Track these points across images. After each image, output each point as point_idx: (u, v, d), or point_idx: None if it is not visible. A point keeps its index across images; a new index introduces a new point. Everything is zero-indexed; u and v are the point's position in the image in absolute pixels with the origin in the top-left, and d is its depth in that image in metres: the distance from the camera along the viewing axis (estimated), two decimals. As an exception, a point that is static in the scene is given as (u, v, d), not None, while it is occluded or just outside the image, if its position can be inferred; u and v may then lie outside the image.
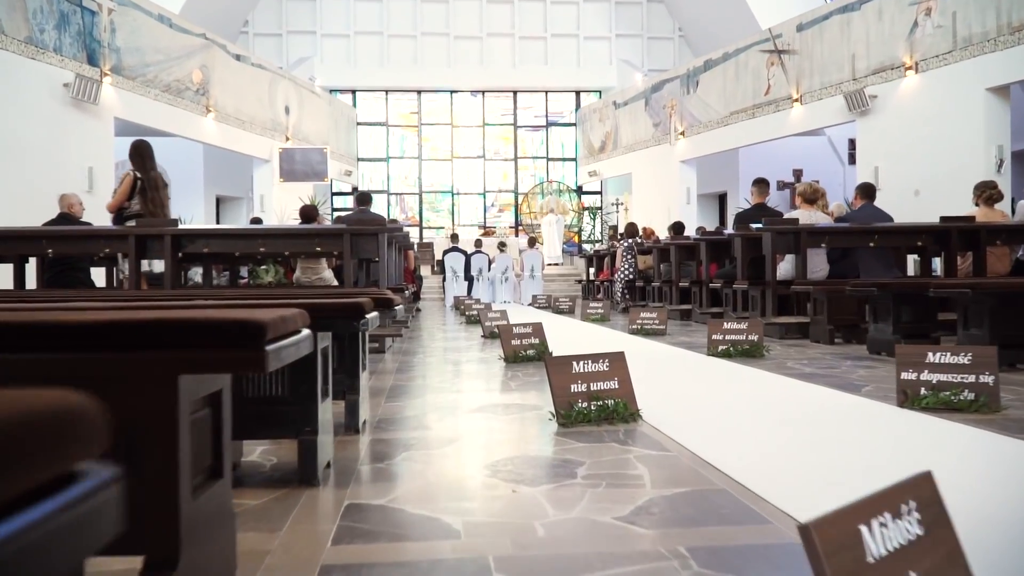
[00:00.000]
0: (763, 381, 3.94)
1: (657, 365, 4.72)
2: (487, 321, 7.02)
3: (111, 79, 13.10)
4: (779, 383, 3.85)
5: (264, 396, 2.04)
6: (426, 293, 18.72)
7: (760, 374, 4.17)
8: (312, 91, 20.70)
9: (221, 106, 16.39)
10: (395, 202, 24.42)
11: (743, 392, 3.61)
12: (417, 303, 12.85)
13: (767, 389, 3.68)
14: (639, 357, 5.11)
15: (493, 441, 2.60)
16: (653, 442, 2.50)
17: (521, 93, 24.49)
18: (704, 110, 18.51)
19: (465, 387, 3.94)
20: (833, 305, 5.79)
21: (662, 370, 4.45)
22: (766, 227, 6.49)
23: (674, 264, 9.44)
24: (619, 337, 6.85)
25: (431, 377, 4.34)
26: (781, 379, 3.95)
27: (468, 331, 8.03)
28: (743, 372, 4.30)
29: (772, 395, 3.50)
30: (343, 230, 5.77)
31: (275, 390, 2.04)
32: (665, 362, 4.89)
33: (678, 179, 19.60)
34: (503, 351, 4.89)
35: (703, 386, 3.87)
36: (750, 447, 2.40)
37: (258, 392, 2.03)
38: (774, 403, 3.27)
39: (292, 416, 2.01)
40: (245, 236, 5.84)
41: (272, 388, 2.03)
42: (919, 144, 12.87)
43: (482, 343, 6.57)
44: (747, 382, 3.94)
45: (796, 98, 15.60)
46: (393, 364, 5.03)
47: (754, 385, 3.82)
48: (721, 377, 4.18)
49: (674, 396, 3.49)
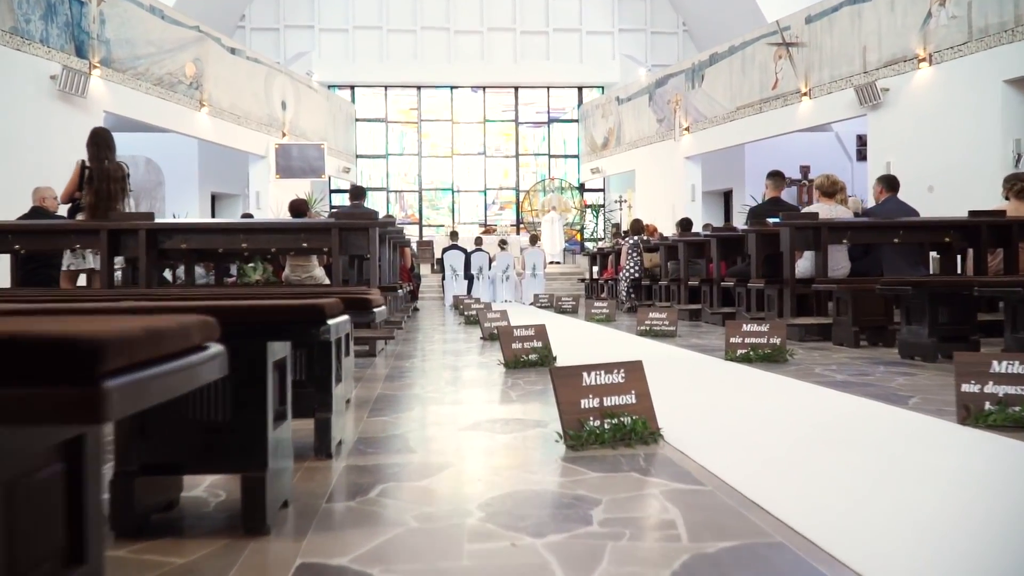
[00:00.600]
0: (794, 392, 3.52)
1: (671, 371, 4.30)
2: (486, 322, 6.61)
3: (100, 72, 12.70)
4: (813, 394, 3.42)
5: (199, 420, 1.62)
6: (425, 292, 18.31)
7: (790, 383, 3.74)
8: (309, 86, 20.30)
9: (215, 101, 15.99)
10: (394, 199, 24.01)
11: (774, 405, 3.19)
12: (415, 302, 12.44)
13: (801, 401, 3.26)
14: (650, 362, 4.68)
15: (490, 469, 2.18)
16: (681, 472, 2.08)
17: (522, 89, 24.07)
18: (709, 105, 18.08)
19: (461, 397, 3.52)
20: (858, 305, 5.37)
21: (678, 377, 4.03)
22: (784, 222, 6.07)
23: (682, 262, 9.02)
24: (627, 339, 6.44)
25: (424, 385, 3.92)
26: (815, 389, 3.53)
27: (467, 332, 7.61)
28: (769, 380, 3.88)
29: (809, 409, 3.08)
30: (331, 224, 5.35)
31: (213, 413, 1.62)
32: (680, 368, 4.47)
33: (683, 176, 19.18)
34: (503, 355, 4.48)
35: (727, 397, 3.44)
36: (800, 480, 1.99)
37: (191, 414, 1.62)
38: (814, 419, 2.85)
39: (234, 447, 1.60)
40: (226, 231, 5.42)
41: (209, 411, 1.62)
42: (933, 138, 12.45)
43: (481, 345, 6.15)
44: (776, 392, 3.52)
45: (805, 92, 15.18)
46: (383, 370, 4.62)
47: (785, 396, 3.40)
48: (746, 386, 3.76)
49: (696, 410, 3.07)
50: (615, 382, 2.48)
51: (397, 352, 5.66)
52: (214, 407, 1.62)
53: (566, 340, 5.95)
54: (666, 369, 4.44)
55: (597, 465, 2.16)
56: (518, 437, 2.59)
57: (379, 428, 2.76)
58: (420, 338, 7.04)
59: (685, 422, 2.72)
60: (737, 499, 1.80)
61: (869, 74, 13.63)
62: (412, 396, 3.55)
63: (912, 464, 2.17)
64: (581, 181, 24.06)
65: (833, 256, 6.15)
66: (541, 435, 2.61)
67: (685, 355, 5.14)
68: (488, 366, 4.69)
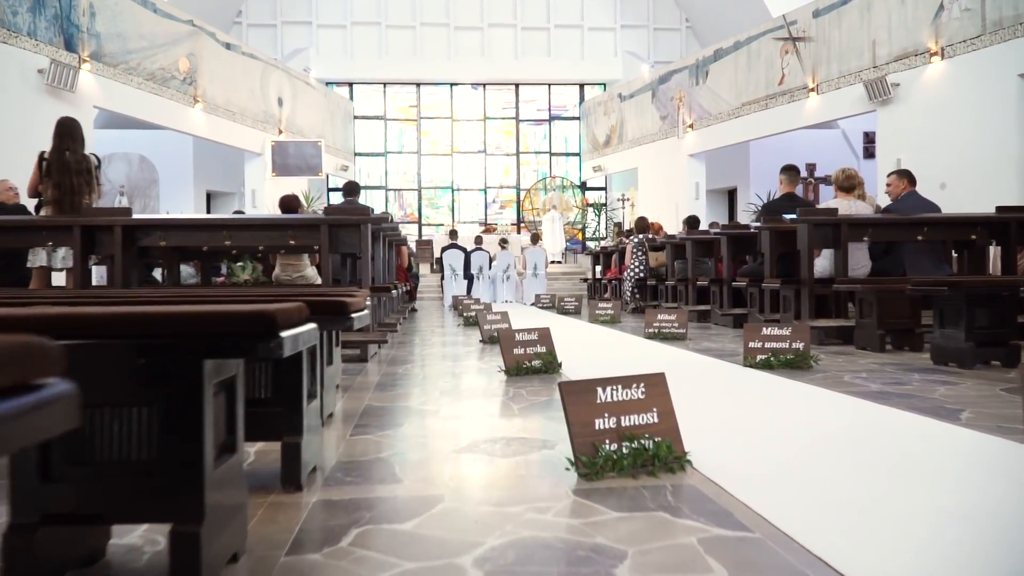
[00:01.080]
0: (829, 405, 3.16)
1: (687, 380, 3.95)
2: (486, 324, 6.26)
3: (90, 66, 12.36)
4: (852, 408, 3.06)
5: (119, 459, 1.27)
6: (424, 292, 17.96)
7: (822, 394, 3.38)
8: (307, 83, 19.96)
9: (210, 96, 15.65)
10: (393, 198, 23.67)
11: (811, 420, 2.83)
12: (413, 303, 12.09)
13: (841, 417, 2.90)
14: (663, 368, 4.35)
15: (488, 505, 1.83)
16: (719, 511, 1.73)
17: (523, 86, 23.73)
18: (714, 101, 17.73)
19: (457, 410, 3.17)
20: (883, 307, 5.01)
21: (695, 387, 3.67)
22: (802, 218, 5.72)
23: (690, 261, 8.67)
24: (634, 343, 6.09)
25: (417, 395, 3.57)
26: (853, 402, 3.17)
27: (466, 334, 7.26)
28: (798, 391, 3.52)
29: (852, 427, 2.73)
30: (320, 221, 5.00)
31: (137, 450, 1.27)
32: (696, 376, 4.12)
33: (686, 174, 18.84)
34: (504, 361, 4.13)
35: (754, 411, 3.09)
36: (871, 524, 1.63)
37: (109, 452, 1.27)
38: (861, 440, 2.50)
39: (162, 492, 1.25)
40: (208, 227, 5.06)
41: (131, 447, 1.27)
42: (945, 134, 12.11)
43: (480, 349, 5.80)
44: (809, 405, 3.16)
45: (812, 87, 14.83)
46: (375, 377, 4.26)
47: (820, 410, 3.04)
48: (773, 397, 3.40)
49: (722, 427, 2.71)
50: (634, 398, 2.13)
51: (391, 357, 5.31)
52: (138, 442, 1.27)
53: (570, 344, 5.60)
54: (681, 377, 4.08)
55: (616, 500, 1.81)
56: (521, 462, 2.24)
57: (363, 449, 2.41)
58: (417, 341, 6.69)
59: (713, 443, 2.37)
60: (797, 553, 1.45)
61: (879, 69, 13.29)
62: (404, 409, 3.20)
63: (997, 497, 1.82)
64: (583, 179, 23.71)
65: (853, 255, 5.80)
66: (548, 459, 2.25)
67: (700, 361, 4.78)
68: (488, 373, 4.34)
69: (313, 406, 2.07)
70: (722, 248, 7.67)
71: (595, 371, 4.29)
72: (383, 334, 5.15)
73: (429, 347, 6.11)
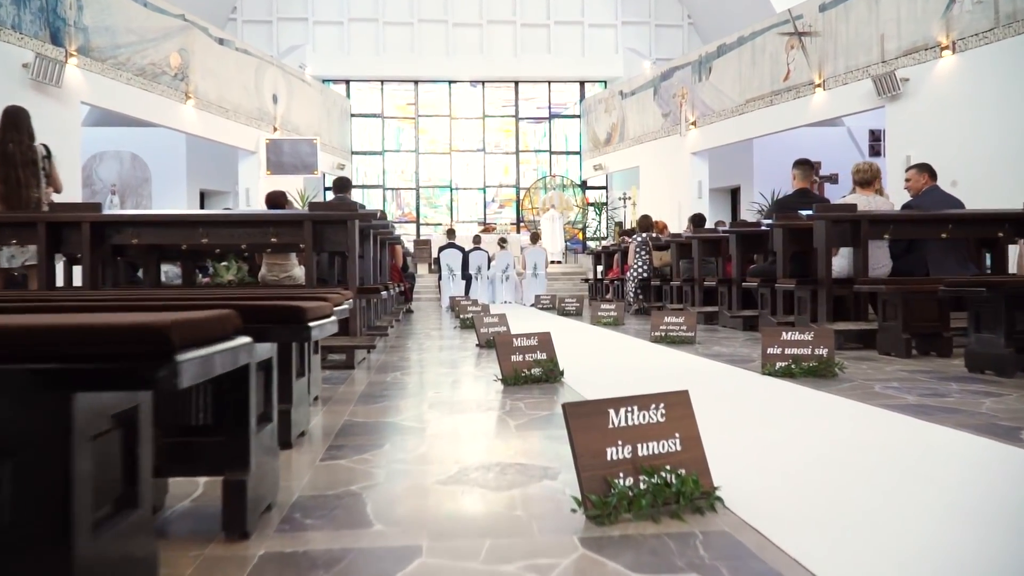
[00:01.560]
0: (871, 421, 2.79)
1: (702, 390, 3.60)
2: (483, 327, 5.91)
3: (77, 60, 12.00)
4: (896, 425, 2.70)
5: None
6: (421, 292, 17.61)
7: (859, 409, 3.01)
8: (302, 79, 19.61)
9: (202, 93, 15.30)
10: (391, 197, 23.31)
11: (851, 441, 2.46)
12: (408, 304, 11.73)
13: (886, 436, 2.54)
14: (673, 376, 3.99)
15: (475, 561, 1.47)
16: (766, 572, 1.38)
17: (523, 83, 23.39)
18: (717, 98, 17.38)
19: (447, 428, 2.81)
20: (909, 309, 4.66)
21: (713, 400, 3.32)
22: (820, 214, 5.36)
23: (696, 261, 8.31)
24: (641, 347, 5.73)
25: (402, 410, 3.21)
26: (895, 419, 2.80)
27: (462, 337, 6.91)
28: (830, 405, 3.16)
29: (901, 448, 2.37)
30: (304, 217, 4.64)
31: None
32: (712, 386, 3.76)
33: (689, 172, 18.50)
34: (500, 369, 3.77)
35: (783, 428, 2.72)
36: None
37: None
38: (917, 465, 2.14)
39: (19, 571, 0.90)
40: (183, 224, 4.70)
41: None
42: (956, 130, 11.77)
43: (477, 354, 5.45)
44: (845, 422, 2.79)
45: (818, 83, 14.50)
46: (360, 386, 3.91)
47: (860, 428, 2.68)
48: (803, 412, 3.05)
49: (750, 448, 2.36)
50: (653, 422, 1.78)
51: (380, 363, 4.95)
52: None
53: (572, 348, 5.24)
54: (695, 387, 3.72)
55: (634, 554, 1.45)
56: (519, 496, 1.88)
57: (332, 479, 2.06)
58: (409, 345, 6.33)
59: (743, 472, 2.01)
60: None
61: (888, 64, 12.94)
62: (387, 426, 2.85)
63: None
64: (583, 178, 23.36)
65: (873, 254, 5.45)
66: (550, 493, 1.90)
67: (714, 369, 4.42)
68: (484, 382, 3.98)
69: (267, 431, 1.72)
70: (731, 247, 7.31)
71: (600, 380, 3.93)
72: (371, 339, 4.79)
73: (422, 352, 5.75)
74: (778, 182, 19.76)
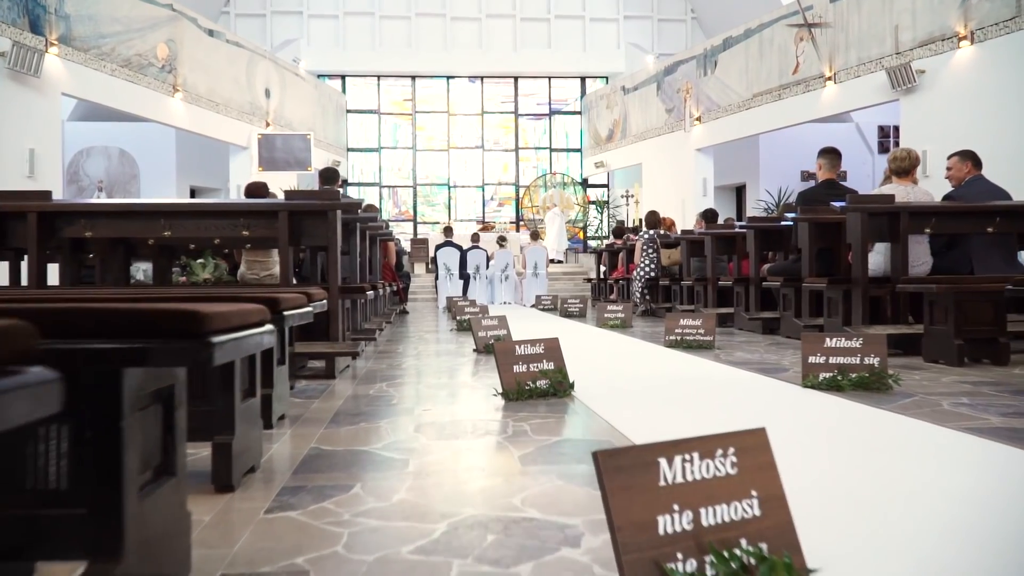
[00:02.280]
0: (967, 454, 2.25)
1: (737, 406, 3.06)
2: (481, 330, 5.37)
3: (58, 49, 11.46)
4: (999, 458, 2.16)
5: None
6: (418, 292, 17.08)
7: (944, 436, 2.46)
8: (296, 73, 19.07)
9: (191, 86, 14.76)
10: (387, 195, 22.78)
11: (960, 485, 1.93)
12: (403, 304, 11.19)
13: (995, 475, 2.01)
14: (697, 387, 3.45)
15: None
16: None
17: (522, 79, 22.86)
18: (723, 93, 16.86)
19: (434, 461, 2.27)
20: (962, 312, 4.13)
21: (753, 417, 2.78)
22: (856, 206, 4.83)
23: (710, 258, 7.77)
24: (655, 353, 5.20)
25: (383, 434, 2.68)
26: (994, 449, 2.27)
27: (459, 342, 6.38)
28: (901, 428, 2.62)
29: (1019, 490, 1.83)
30: (279, 206, 4.11)
31: None
32: (748, 401, 3.23)
33: (693, 169, 17.98)
34: (501, 382, 3.24)
35: (860, 463, 2.17)
36: None
37: None
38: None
39: None
40: (142, 215, 4.16)
41: None
42: (975, 124, 11.24)
43: (474, 361, 4.92)
44: (933, 454, 2.24)
45: (829, 76, 13.98)
46: (336, 401, 3.37)
47: (956, 463, 2.13)
48: (871, 438, 2.50)
49: (829, 493, 1.82)
50: (721, 474, 1.25)
51: (365, 372, 4.41)
52: None
53: (580, 355, 4.71)
54: (728, 404, 3.18)
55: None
56: (529, 574, 1.35)
57: (272, 545, 1.52)
58: (400, 351, 5.79)
59: (832, 534, 1.48)
60: None
61: (902, 55, 12.42)
62: (361, 457, 2.31)
63: None
64: (584, 176, 22.83)
65: (912, 250, 4.92)
66: (573, 572, 1.36)
67: (743, 379, 3.88)
68: (482, 394, 3.45)
69: (170, 488, 1.18)
70: (748, 244, 6.77)
71: (616, 394, 3.39)
72: (355, 345, 4.24)
73: (413, 358, 5.21)
74: (785, 179, 19.26)
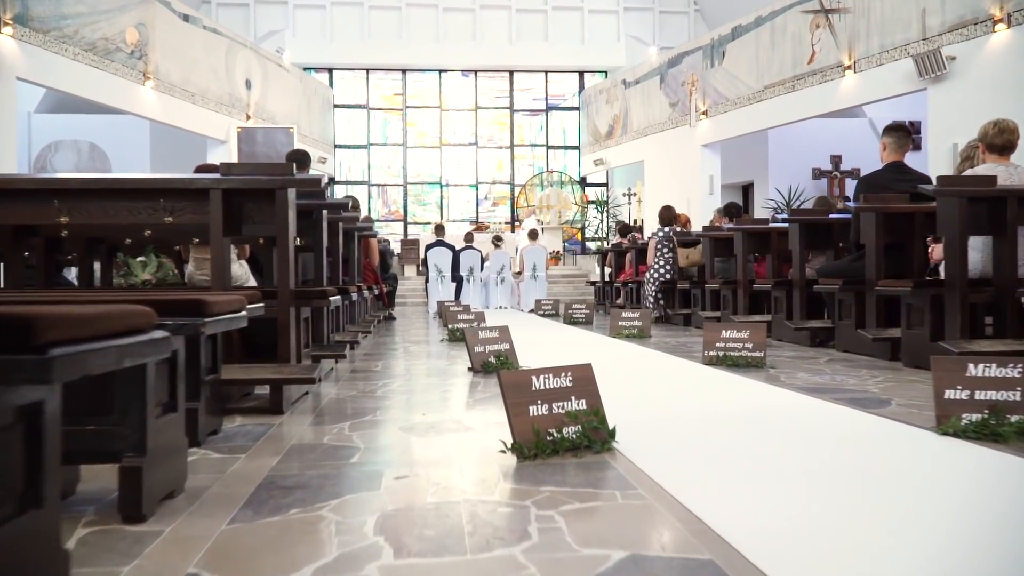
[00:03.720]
0: None
1: (847, 457, 2.04)
2: (478, 344, 4.35)
3: (12, 30, 10.38)
4: None
5: None
6: (408, 295, 16.03)
7: None
8: (280, 64, 18.02)
9: (164, 74, 13.69)
10: (377, 194, 21.72)
11: None
12: (389, 309, 10.15)
13: None
14: (786, 434, 2.39)
15: None
16: None
17: (518, 73, 21.87)
18: (732, 85, 15.89)
19: None
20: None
21: (891, 486, 1.75)
22: (950, 189, 3.82)
23: (740, 258, 6.75)
24: (696, 373, 4.17)
25: (318, 540, 1.64)
26: None
27: (450, 356, 5.35)
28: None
29: None
30: (209, 183, 3.07)
31: None
32: (884, 464, 2.20)
33: (699, 166, 17.00)
34: (511, 430, 2.21)
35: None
36: None
37: None
38: None
39: None
40: (28, 195, 3.12)
41: None
42: (1012, 115, 10.23)
43: (470, 385, 3.89)
44: None
45: (848, 65, 13.02)
46: (269, 459, 2.34)
47: None
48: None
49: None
50: None
51: (328, 403, 3.38)
52: None
53: (602, 375, 3.67)
54: (864, 468, 2.15)
55: None
56: None
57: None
58: (379, 369, 4.76)
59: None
60: None
61: (929, 41, 11.46)
62: (288, 561, 1.28)
63: None
64: (582, 174, 21.81)
65: (1022, 244, 3.91)
66: None
67: (843, 419, 2.84)
68: (482, 447, 2.42)
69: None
70: (792, 240, 5.75)
71: (673, 443, 2.32)
72: (311, 369, 3.19)
73: (392, 380, 4.18)
74: (795, 177, 18.29)
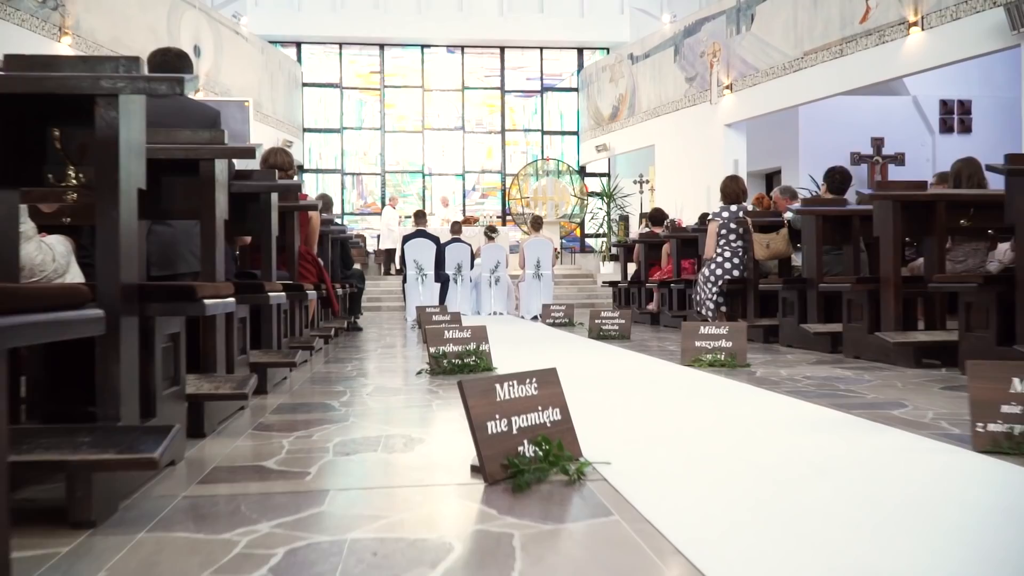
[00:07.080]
0: None
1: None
2: (493, 420, 1.99)
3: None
4: None
5: None
6: (384, 297, 13.60)
7: None
8: (236, 31, 15.58)
9: (86, 31, 11.27)
10: (351, 184, 19.33)
11: None
12: (354, 317, 7.74)
13: None
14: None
15: None
16: None
17: (510, 49, 19.76)
18: (762, 53, 13.63)
19: None
20: None
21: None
22: None
23: (854, 251, 4.39)
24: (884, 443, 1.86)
25: None
26: None
27: (429, 393, 3.01)
28: None
29: None
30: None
31: None
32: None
33: (721, 148, 14.75)
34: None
35: None
36: None
37: None
38: None
39: None
40: None
41: None
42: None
43: (478, 517, 1.56)
44: None
45: (914, 22, 10.78)
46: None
47: None
48: None
49: None
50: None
51: (193, 507, 1.03)
52: None
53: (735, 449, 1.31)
54: None
55: None
56: None
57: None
58: (308, 424, 2.38)
59: None
60: None
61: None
62: None
63: None
64: (582, 163, 19.50)
65: None
66: None
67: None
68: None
69: None
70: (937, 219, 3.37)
71: None
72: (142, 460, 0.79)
73: (324, 454, 1.80)
74: (829, 162, 16.00)
